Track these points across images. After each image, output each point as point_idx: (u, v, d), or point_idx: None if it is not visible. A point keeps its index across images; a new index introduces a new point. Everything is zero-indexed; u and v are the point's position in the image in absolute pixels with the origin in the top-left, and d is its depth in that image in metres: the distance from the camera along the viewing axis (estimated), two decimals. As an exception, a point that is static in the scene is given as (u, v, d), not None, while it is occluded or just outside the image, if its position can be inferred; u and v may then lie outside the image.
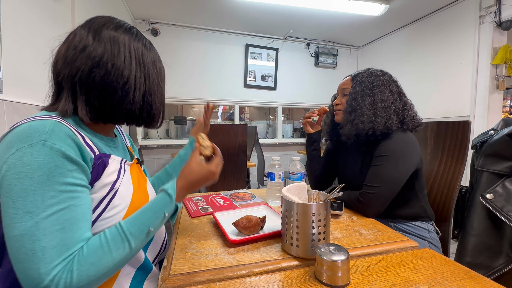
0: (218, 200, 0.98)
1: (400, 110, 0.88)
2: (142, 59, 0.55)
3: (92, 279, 0.42)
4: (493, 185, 0.83)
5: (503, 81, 2.15)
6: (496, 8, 2.10)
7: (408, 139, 0.85)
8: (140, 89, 0.54)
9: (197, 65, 3.15)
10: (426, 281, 0.48)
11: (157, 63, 0.59)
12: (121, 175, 0.54)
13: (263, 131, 3.73)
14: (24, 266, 0.38)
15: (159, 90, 0.59)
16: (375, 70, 0.95)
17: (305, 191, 0.67)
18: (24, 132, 0.42)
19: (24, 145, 0.41)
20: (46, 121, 0.44)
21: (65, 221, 0.41)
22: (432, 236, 0.88)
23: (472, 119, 2.26)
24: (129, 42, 0.53)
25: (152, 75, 0.56)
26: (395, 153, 0.83)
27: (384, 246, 0.62)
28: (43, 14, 1.19)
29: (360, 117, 0.88)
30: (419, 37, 2.82)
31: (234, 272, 0.51)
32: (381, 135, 0.87)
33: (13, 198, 0.39)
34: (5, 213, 0.40)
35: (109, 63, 0.50)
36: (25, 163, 0.40)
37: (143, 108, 0.56)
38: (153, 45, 0.61)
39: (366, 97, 0.89)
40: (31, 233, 0.39)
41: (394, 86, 0.92)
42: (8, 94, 0.95)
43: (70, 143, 0.44)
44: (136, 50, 0.54)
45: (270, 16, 2.80)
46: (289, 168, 0.97)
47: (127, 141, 0.73)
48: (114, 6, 2.29)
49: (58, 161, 0.42)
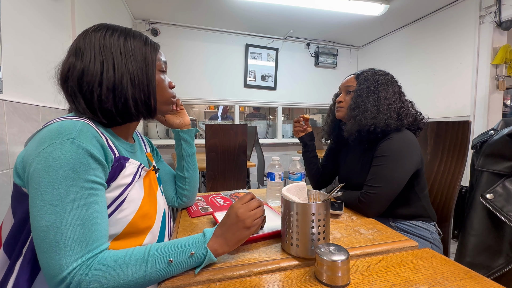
0: (218, 200, 0.98)
1: (398, 108, 0.90)
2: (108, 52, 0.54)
3: (101, 286, 0.42)
4: (493, 185, 0.83)
5: (503, 81, 2.15)
6: (496, 8, 2.10)
7: (408, 139, 0.86)
8: (107, 84, 0.52)
9: (197, 65, 3.15)
10: (426, 281, 0.48)
11: (135, 50, 0.56)
12: (135, 179, 0.56)
13: (263, 131, 3.73)
14: (47, 256, 0.41)
15: (137, 78, 0.55)
16: (378, 70, 0.97)
17: (304, 191, 0.67)
18: (56, 129, 0.45)
19: (55, 141, 0.44)
20: (77, 122, 0.47)
21: (85, 217, 0.44)
22: (434, 237, 0.88)
23: (472, 119, 2.26)
24: (93, 42, 0.53)
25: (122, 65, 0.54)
26: (396, 153, 0.83)
27: (384, 246, 0.62)
28: (43, 14, 1.19)
29: (364, 113, 0.89)
30: (419, 37, 2.82)
31: (234, 272, 0.51)
32: (381, 132, 0.88)
33: (41, 190, 0.42)
34: (33, 204, 0.42)
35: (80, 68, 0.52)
36: (54, 158, 0.43)
37: (116, 103, 0.54)
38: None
39: (371, 94, 0.91)
40: (55, 225, 0.41)
41: (396, 86, 0.94)
42: (8, 94, 0.95)
43: (95, 143, 0.47)
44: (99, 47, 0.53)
45: (270, 16, 2.80)
46: (289, 168, 0.97)
47: (146, 147, 0.74)
48: (114, 6, 2.29)
49: (83, 158, 0.45)
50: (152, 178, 0.65)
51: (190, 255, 0.49)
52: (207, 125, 1.65)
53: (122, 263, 0.44)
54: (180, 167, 0.82)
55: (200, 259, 0.50)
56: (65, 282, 0.40)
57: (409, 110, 0.91)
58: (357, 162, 0.97)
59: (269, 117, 4.01)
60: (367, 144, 0.94)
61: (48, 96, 1.17)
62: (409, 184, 0.86)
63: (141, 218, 0.56)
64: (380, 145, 0.87)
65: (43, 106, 1.15)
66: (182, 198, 0.83)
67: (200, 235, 0.53)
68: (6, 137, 0.93)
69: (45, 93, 1.15)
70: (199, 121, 3.62)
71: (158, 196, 0.66)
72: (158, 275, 0.47)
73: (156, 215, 0.62)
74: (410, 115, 0.90)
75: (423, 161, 0.89)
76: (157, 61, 0.60)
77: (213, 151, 1.70)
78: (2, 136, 0.91)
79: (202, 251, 0.50)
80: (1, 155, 0.91)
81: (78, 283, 0.41)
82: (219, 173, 1.75)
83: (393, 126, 0.87)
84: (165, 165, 0.84)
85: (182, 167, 0.82)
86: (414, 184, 0.88)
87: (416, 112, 0.93)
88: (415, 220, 0.90)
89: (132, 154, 0.62)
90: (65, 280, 0.40)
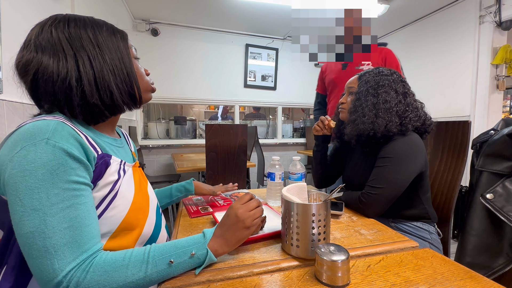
0: (218, 200, 0.98)
1: (402, 112, 0.86)
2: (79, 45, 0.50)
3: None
4: (493, 185, 0.83)
5: (503, 81, 2.15)
6: (496, 8, 2.10)
7: (413, 141, 0.84)
8: (87, 78, 0.50)
9: (197, 65, 3.15)
10: (426, 281, 0.48)
11: (106, 40, 0.54)
12: (121, 175, 0.54)
13: (263, 131, 3.73)
14: (38, 262, 0.39)
15: (117, 68, 0.53)
16: (383, 69, 0.93)
17: (305, 191, 0.67)
18: (28, 131, 0.43)
19: (28, 143, 0.42)
20: (50, 121, 0.45)
21: (71, 219, 0.42)
22: (433, 237, 0.88)
23: (472, 119, 2.26)
24: (57, 35, 0.50)
25: (98, 56, 0.52)
26: (400, 155, 0.82)
27: (384, 246, 0.62)
28: (43, 14, 1.18)
29: (362, 117, 0.88)
30: (419, 37, 2.82)
31: (234, 273, 0.51)
32: (382, 137, 0.86)
33: (20, 196, 0.40)
34: (14, 211, 0.41)
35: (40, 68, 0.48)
36: (29, 161, 0.41)
37: (101, 96, 0.52)
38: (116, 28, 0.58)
39: (370, 97, 0.89)
40: (40, 230, 0.40)
41: (401, 86, 0.90)
42: (8, 94, 0.95)
43: (73, 141, 0.45)
44: (67, 40, 0.50)
45: (270, 16, 2.80)
46: (289, 168, 0.97)
47: (131, 145, 0.74)
48: (114, 6, 2.29)
49: (61, 159, 0.42)
50: (140, 174, 0.65)
51: (191, 256, 0.49)
52: (207, 125, 1.65)
53: (122, 264, 0.44)
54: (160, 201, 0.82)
55: (200, 260, 0.50)
56: (62, 285, 0.39)
57: (415, 112, 0.88)
58: (361, 163, 0.96)
59: (269, 117, 4.01)
60: (368, 148, 0.92)
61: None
62: (412, 187, 0.85)
63: (135, 212, 0.55)
64: (385, 147, 0.85)
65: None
66: None
67: (200, 235, 0.53)
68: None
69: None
70: (199, 121, 3.62)
71: (149, 190, 0.66)
72: (159, 276, 0.46)
73: (149, 208, 0.61)
74: (416, 119, 0.87)
75: (427, 164, 0.88)
76: (129, 48, 0.58)
77: (213, 151, 1.70)
78: (2, 136, 0.91)
79: (203, 251, 0.50)
80: (1, 155, 0.91)
81: (76, 285, 0.40)
82: (219, 173, 1.75)
83: (395, 131, 0.84)
84: None
85: (162, 203, 0.85)
86: (417, 187, 0.87)
87: (426, 115, 0.90)
88: (415, 221, 0.90)
89: (119, 149, 0.60)
90: (62, 283, 0.39)
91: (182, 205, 0.93)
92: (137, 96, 0.58)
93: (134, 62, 0.59)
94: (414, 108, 0.88)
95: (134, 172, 0.60)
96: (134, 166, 0.62)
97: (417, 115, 0.87)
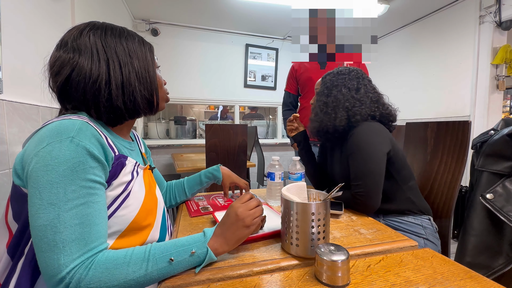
0: (219, 200, 0.98)
1: (351, 106, 0.89)
2: (113, 52, 0.54)
3: (101, 285, 0.42)
4: (493, 185, 0.83)
5: (503, 81, 2.15)
6: (496, 8, 2.10)
7: (371, 128, 0.86)
8: (115, 82, 0.53)
9: (197, 65, 3.15)
10: (426, 281, 0.48)
11: (136, 50, 0.58)
12: (134, 176, 0.57)
13: (263, 131, 3.73)
14: (45, 255, 0.41)
15: (142, 76, 0.57)
16: (342, 69, 0.97)
17: (304, 190, 0.67)
18: (55, 128, 0.45)
19: (54, 140, 0.44)
20: (76, 121, 0.47)
21: (83, 216, 0.43)
22: (427, 232, 0.86)
23: (472, 119, 2.26)
24: (94, 41, 0.53)
25: (128, 64, 0.56)
26: (361, 146, 0.84)
27: (384, 245, 0.62)
28: (43, 14, 1.19)
29: (314, 116, 0.95)
30: (419, 37, 2.82)
31: (234, 272, 0.51)
32: (337, 132, 0.90)
33: (40, 189, 0.42)
34: (32, 203, 0.42)
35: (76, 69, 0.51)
36: (53, 157, 0.43)
37: (125, 100, 0.55)
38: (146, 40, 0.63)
39: (323, 97, 0.95)
40: (53, 224, 0.41)
41: (355, 82, 0.93)
42: (8, 94, 0.95)
43: (94, 142, 0.47)
44: (102, 46, 0.53)
45: (270, 16, 2.80)
46: (289, 168, 0.97)
47: (141, 147, 0.76)
48: (114, 6, 2.29)
49: (82, 157, 0.45)
50: (150, 176, 0.66)
51: (191, 254, 0.49)
52: (207, 125, 1.65)
53: (123, 262, 0.44)
54: (192, 189, 0.91)
55: (200, 258, 0.50)
56: (64, 281, 0.40)
57: (368, 104, 0.90)
58: (337, 160, 0.99)
59: (269, 117, 4.01)
60: (332, 143, 0.98)
61: (48, 96, 1.17)
62: (388, 174, 0.85)
63: (144, 214, 0.56)
64: (347, 144, 0.88)
65: (43, 106, 1.15)
66: (171, 203, 0.91)
67: (200, 234, 0.53)
68: (6, 137, 0.93)
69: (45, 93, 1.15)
70: (199, 121, 3.62)
71: (157, 193, 0.67)
72: (159, 274, 0.47)
73: (157, 211, 0.63)
74: (367, 112, 0.88)
75: (395, 148, 0.87)
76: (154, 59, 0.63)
77: (213, 151, 1.69)
78: (2, 136, 0.91)
79: (203, 250, 0.50)
80: (1, 155, 0.91)
81: (78, 282, 0.40)
82: (219, 173, 1.74)
83: (343, 124, 0.88)
84: (158, 174, 0.86)
85: (194, 190, 0.92)
86: (392, 174, 0.86)
87: (383, 105, 0.92)
88: (405, 216, 0.88)
89: (132, 152, 0.63)
90: (64, 279, 0.40)
91: (183, 204, 0.93)
92: (155, 103, 0.62)
93: (156, 72, 0.63)
94: (365, 100, 0.91)
95: (144, 174, 0.62)
96: (145, 168, 0.64)
97: (367, 106, 0.90)
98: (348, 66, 0.99)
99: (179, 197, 0.90)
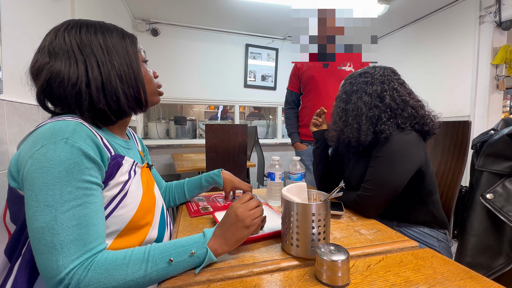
0: (219, 200, 0.98)
1: (376, 116, 0.80)
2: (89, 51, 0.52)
3: (101, 286, 0.42)
4: (493, 185, 0.83)
5: (503, 81, 2.15)
6: (496, 8, 2.10)
7: (407, 139, 0.79)
8: (95, 84, 0.51)
9: (197, 65, 3.15)
10: (426, 281, 0.48)
11: (115, 45, 0.54)
12: (131, 176, 0.56)
13: (263, 131, 3.73)
14: (44, 257, 0.41)
15: (124, 73, 0.54)
16: (367, 69, 0.87)
17: (305, 191, 0.67)
18: (49, 130, 0.45)
19: (48, 142, 0.43)
20: (70, 122, 0.47)
21: (80, 217, 0.43)
22: (441, 246, 0.83)
23: (472, 119, 2.26)
24: (69, 41, 0.51)
25: (107, 62, 0.53)
26: (392, 155, 0.78)
27: (384, 246, 0.62)
28: (43, 14, 1.19)
29: (333, 124, 0.88)
30: (419, 37, 2.82)
31: (234, 272, 0.51)
32: (360, 146, 0.82)
33: (36, 191, 0.42)
34: (28, 206, 0.42)
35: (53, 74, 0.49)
36: (48, 159, 0.42)
37: (108, 101, 0.53)
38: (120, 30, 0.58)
39: (342, 103, 0.88)
40: (50, 226, 0.41)
41: (378, 88, 0.82)
42: (8, 94, 0.95)
43: (89, 142, 0.47)
44: (78, 46, 0.51)
45: (270, 16, 2.80)
46: (289, 168, 0.97)
47: (138, 145, 0.75)
48: (114, 6, 2.29)
49: (77, 158, 0.44)
50: (148, 175, 0.66)
51: (191, 255, 0.49)
52: (207, 125, 1.65)
53: (122, 262, 0.44)
54: (191, 192, 0.90)
55: (200, 259, 0.50)
56: (64, 283, 0.40)
57: (399, 118, 0.80)
58: (358, 164, 0.94)
59: (269, 117, 4.01)
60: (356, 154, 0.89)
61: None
62: (413, 188, 0.81)
63: (143, 213, 0.56)
64: (378, 145, 0.81)
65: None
66: (170, 205, 0.90)
67: (200, 235, 0.53)
68: (6, 137, 0.93)
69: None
70: (199, 121, 3.62)
71: (155, 191, 0.67)
72: (159, 275, 0.46)
73: (155, 210, 0.62)
74: (399, 125, 0.80)
75: (428, 163, 0.82)
76: (138, 52, 0.59)
77: (213, 151, 1.69)
78: (2, 136, 0.91)
79: (202, 250, 0.50)
80: (1, 155, 0.91)
81: (77, 283, 0.40)
82: (219, 173, 1.74)
83: (369, 140, 0.79)
84: (156, 173, 0.86)
85: (193, 193, 0.90)
86: (420, 188, 0.83)
87: (426, 119, 0.82)
88: (422, 227, 0.85)
89: (129, 150, 0.62)
90: (64, 280, 0.40)
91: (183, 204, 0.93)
92: (143, 100, 0.59)
93: (143, 66, 0.60)
94: (395, 110, 0.81)
95: (142, 173, 0.62)
96: (143, 167, 0.64)
97: (398, 120, 0.80)
98: (375, 66, 0.89)
99: (179, 199, 0.90)
